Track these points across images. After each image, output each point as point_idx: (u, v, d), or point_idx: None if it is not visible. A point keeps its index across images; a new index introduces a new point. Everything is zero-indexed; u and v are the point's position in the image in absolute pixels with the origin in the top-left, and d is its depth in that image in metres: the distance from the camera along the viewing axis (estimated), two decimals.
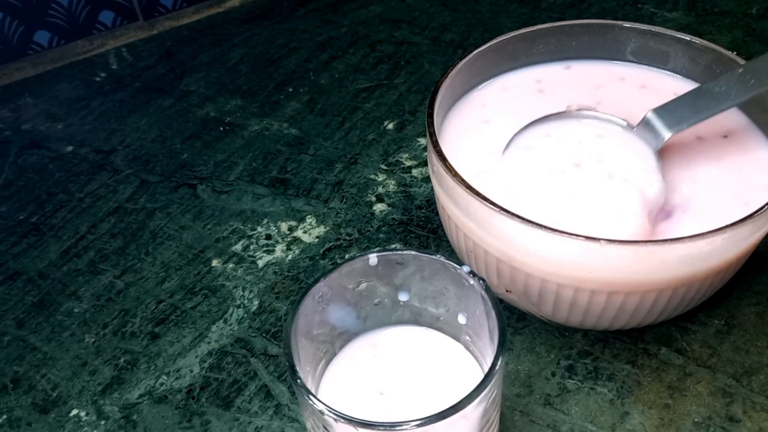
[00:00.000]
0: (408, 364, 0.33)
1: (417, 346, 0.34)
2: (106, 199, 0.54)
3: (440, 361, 0.34)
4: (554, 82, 0.45)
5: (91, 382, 0.42)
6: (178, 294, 0.47)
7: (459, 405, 0.27)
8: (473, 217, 0.35)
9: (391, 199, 0.52)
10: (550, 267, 0.34)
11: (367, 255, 0.33)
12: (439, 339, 0.34)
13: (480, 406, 0.28)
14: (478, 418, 0.29)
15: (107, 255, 0.50)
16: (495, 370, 0.28)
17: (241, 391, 0.41)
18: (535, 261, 0.34)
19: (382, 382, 0.32)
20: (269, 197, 0.53)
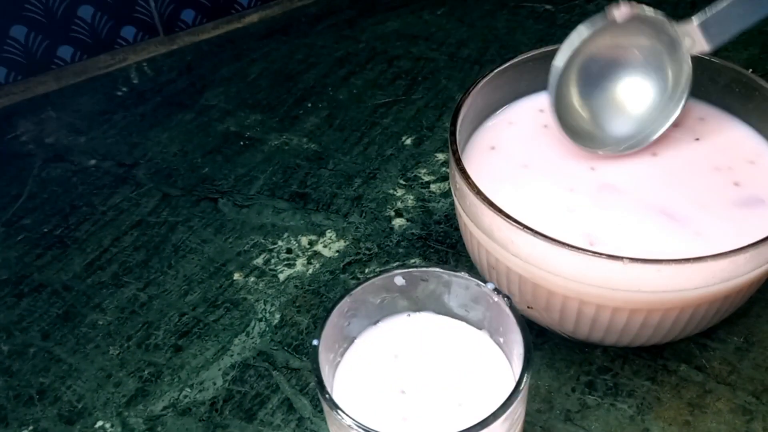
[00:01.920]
0: (429, 355, 0.33)
1: (438, 335, 0.34)
2: (129, 212, 0.55)
3: (464, 351, 0.33)
4: None
5: (116, 394, 0.43)
6: (200, 307, 0.47)
7: (485, 422, 0.28)
8: (496, 234, 0.36)
9: (410, 213, 0.53)
10: (572, 284, 0.35)
11: (392, 273, 0.34)
12: (462, 327, 0.34)
13: (506, 423, 0.29)
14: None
15: (130, 268, 0.50)
16: (521, 388, 0.29)
17: (264, 404, 0.41)
18: (557, 278, 0.35)
19: (401, 378, 0.32)
20: (289, 211, 0.54)
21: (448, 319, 0.34)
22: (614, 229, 0.37)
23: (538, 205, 0.38)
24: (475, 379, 0.31)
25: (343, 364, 0.33)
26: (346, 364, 0.33)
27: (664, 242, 0.36)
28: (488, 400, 0.30)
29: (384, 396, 0.31)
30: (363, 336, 0.34)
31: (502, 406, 0.28)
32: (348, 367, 0.33)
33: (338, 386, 0.32)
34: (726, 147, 0.41)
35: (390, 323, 0.34)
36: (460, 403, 0.31)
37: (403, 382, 0.32)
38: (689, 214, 0.37)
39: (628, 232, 0.37)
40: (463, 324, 0.34)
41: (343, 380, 0.32)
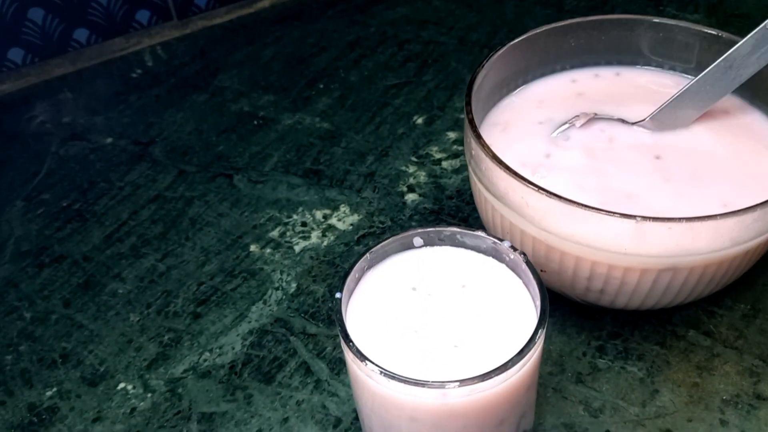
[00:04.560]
0: (447, 288, 0.34)
1: (457, 266, 0.34)
2: (146, 187, 0.56)
3: (486, 284, 0.33)
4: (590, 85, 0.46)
5: (137, 358, 0.44)
6: (218, 277, 0.48)
7: (506, 365, 0.29)
8: (510, 197, 0.37)
9: (422, 189, 0.54)
10: (585, 245, 0.36)
11: (411, 233, 0.35)
12: (482, 259, 0.34)
13: (524, 368, 0.30)
14: (520, 382, 0.30)
15: (149, 240, 0.51)
16: (537, 337, 0.30)
17: (282, 368, 0.42)
18: (570, 239, 0.36)
19: (417, 314, 0.32)
20: (304, 187, 0.55)
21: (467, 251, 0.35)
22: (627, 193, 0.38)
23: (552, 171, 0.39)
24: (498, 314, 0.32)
25: (355, 297, 0.33)
26: (358, 298, 0.33)
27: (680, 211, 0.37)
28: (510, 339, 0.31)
29: (397, 334, 0.32)
30: (377, 268, 0.34)
31: (524, 348, 0.29)
32: (360, 301, 0.33)
33: (351, 322, 0.32)
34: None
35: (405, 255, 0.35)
36: (481, 342, 0.31)
37: (419, 319, 0.32)
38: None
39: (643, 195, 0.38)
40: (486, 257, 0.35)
41: (355, 315, 0.33)
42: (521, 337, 0.30)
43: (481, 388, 0.29)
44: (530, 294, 0.33)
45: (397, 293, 0.33)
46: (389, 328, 0.32)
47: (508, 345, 0.30)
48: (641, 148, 0.41)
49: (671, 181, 0.39)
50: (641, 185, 0.39)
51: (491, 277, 0.34)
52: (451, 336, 0.31)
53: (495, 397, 0.29)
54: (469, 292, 0.33)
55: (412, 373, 0.29)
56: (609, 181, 0.39)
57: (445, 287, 0.33)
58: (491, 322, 0.32)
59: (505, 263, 0.34)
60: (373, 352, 0.30)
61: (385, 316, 0.32)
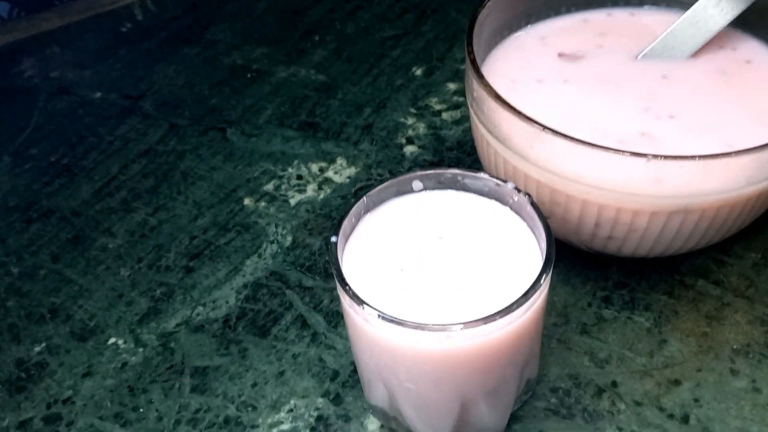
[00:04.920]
0: (447, 232, 0.32)
1: (459, 210, 0.33)
2: (136, 141, 0.54)
3: (489, 227, 0.32)
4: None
5: (128, 313, 0.42)
6: (211, 230, 0.47)
7: (510, 307, 0.27)
8: (514, 140, 0.35)
9: (421, 141, 0.52)
10: (592, 187, 0.34)
11: (410, 176, 0.33)
12: (485, 202, 0.33)
13: (528, 312, 0.28)
14: (524, 327, 0.29)
15: (139, 194, 0.50)
16: (543, 279, 0.28)
17: (278, 321, 0.41)
18: (577, 181, 0.34)
19: (417, 257, 0.31)
20: (299, 140, 0.53)
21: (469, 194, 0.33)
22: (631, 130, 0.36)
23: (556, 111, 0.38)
24: (501, 258, 0.31)
25: (351, 242, 0.32)
26: (355, 243, 0.32)
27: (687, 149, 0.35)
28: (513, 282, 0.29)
29: (396, 279, 0.30)
30: (374, 212, 0.33)
31: (531, 288, 0.28)
32: (357, 246, 0.32)
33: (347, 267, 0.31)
34: None
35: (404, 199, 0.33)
36: (484, 285, 0.30)
37: (419, 263, 0.31)
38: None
39: (649, 132, 0.36)
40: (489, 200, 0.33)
41: (351, 260, 0.31)
42: (526, 281, 0.29)
43: (484, 332, 0.27)
44: (535, 236, 0.31)
45: (395, 238, 0.32)
46: (388, 272, 0.30)
47: (513, 289, 0.29)
48: (646, 83, 0.39)
49: (677, 119, 0.37)
50: (646, 122, 0.37)
51: (494, 220, 0.32)
52: (452, 280, 0.30)
53: (499, 342, 0.28)
54: (471, 236, 0.32)
55: (411, 317, 0.28)
56: (613, 118, 0.37)
57: (446, 231, 0.32)
58: (495, 265, 0.30)
59: (509, 206, 0.32)
60: (371, 297, 0.29)
61: (384, 261, 0.31)
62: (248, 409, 0.37)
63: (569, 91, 0.39)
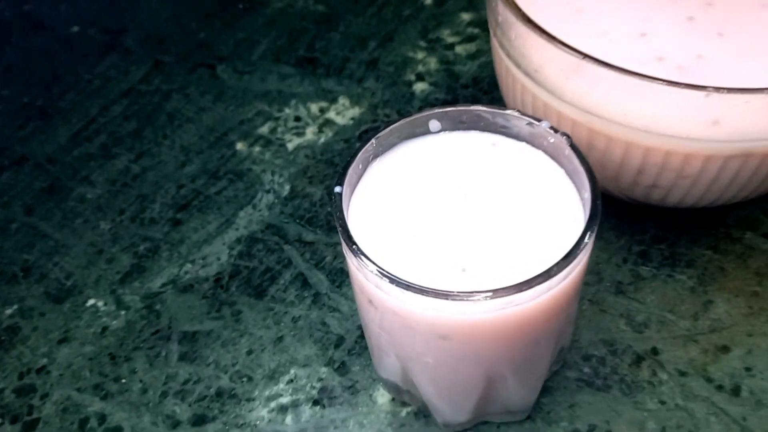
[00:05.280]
0: (470, 181, 0.27)
1: (483, 154, 0.28)
2: (118, 80, 0.49)
3: (519, 174, 0.27)
4: None
5: (109, 271, 0.38)
6: (200, 178, 0.42)
7: (549, 272, 0.23)
8: (546, 70, 0.30)
9: (432, 77, 0.47)
10: (638, 128, 0.29)
11: (425, 114, 0.29)
12: (514, 145, 0.28)
13: (569, 277, 0.24)
14: (564, 293, 0.24)
15: (121, 138, 0.45)
16: (587, 238, 0.24)
17: (275, 280, 0.37)
18: (620, 121, 0.29)
19: (436, 214, 0.26)
20: (297, 77, 0.48)
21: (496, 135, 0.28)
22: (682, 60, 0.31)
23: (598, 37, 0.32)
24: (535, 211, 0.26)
25: (358, 193, 0.27)
26: (363, 194, 0.27)
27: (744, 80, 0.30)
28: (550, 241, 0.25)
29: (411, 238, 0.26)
30: (384, 158, 0.28)
31: (569, 254, 0.23)
32: (365, 197, 0.27)
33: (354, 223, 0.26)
34: None
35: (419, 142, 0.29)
36: (514, 244, 0.25)
37: (438, 219, 0.26)
38: None
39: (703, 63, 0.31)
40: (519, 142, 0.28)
41: (359, 215, 0.27)
42: (566, 240, 0.24)
43: (517, 301, 0.23)
44: (575, 186, 0.27)
45: (410, 188, 0.27)
46: (401, 230, 0.26)
47: (550, 249, 0.25)
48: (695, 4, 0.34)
49: (726, 37, 0.31)
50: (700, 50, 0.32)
51: (526, 166, 0.28)
52: (478, 239, 0.25)
53: (533, 312, 0.24)
54: (498, 186, 0.27)
55: (430, 283, 0.23)
56: (661, 44, 0.32)
57: (469, 180, 0.27)
58: (528, 221, 0.26)
59: (543, 149, 0.28)
60: (383, 259, 0.24)
61: (397, 216, 0.26)
62: (243, 379, 0.33)
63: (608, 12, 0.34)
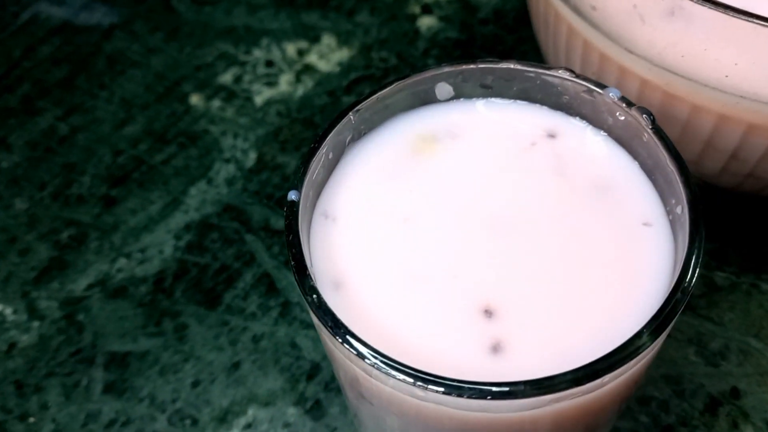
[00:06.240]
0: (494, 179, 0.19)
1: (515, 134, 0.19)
2: (48, 14, 0.39)
3: (568, 168, 0.18)
4: None
5: (22, 266, 0.30)
6: (143, 143, 0.33)
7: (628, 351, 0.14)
8: (608, 8, 0.21)
9: (442, 10, 0.37)
10: (745, 93, 0.20)
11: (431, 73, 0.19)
12: (561, 122, 0.19)
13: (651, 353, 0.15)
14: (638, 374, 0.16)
15: (48, 89, 0.36)
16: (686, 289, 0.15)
17: (233, 282, 0.29)
18: (719, 82, 0.20)
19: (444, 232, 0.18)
20: (270, 9, 0.38)
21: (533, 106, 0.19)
22: None
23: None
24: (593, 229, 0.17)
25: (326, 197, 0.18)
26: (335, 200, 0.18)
27: None
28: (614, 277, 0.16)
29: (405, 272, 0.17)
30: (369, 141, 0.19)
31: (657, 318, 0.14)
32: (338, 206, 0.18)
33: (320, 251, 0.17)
34: None
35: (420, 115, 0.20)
36: (556, 289, 0.16)
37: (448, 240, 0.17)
38: None
39: None
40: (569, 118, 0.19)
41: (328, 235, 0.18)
42: (643, 279, 0.16)
43: (573, 394, 0.14)
44: (657, 190, 0.17)
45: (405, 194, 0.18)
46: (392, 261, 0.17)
47: (620, 296, 0.16)
48: None
49: None
50: None
51: (580, 157, 0.18)
52: (507, 277, 0.16)
53: (595, 404, 0.15)
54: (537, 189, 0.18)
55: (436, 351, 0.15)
56: None
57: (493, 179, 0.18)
58: (583, 247, 0.17)
59: (607, 129, 0.18)
60: (362, 311, 0.15)
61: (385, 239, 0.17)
62: (185, 422, 0.25)
63: None
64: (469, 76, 0.19)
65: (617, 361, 0.14)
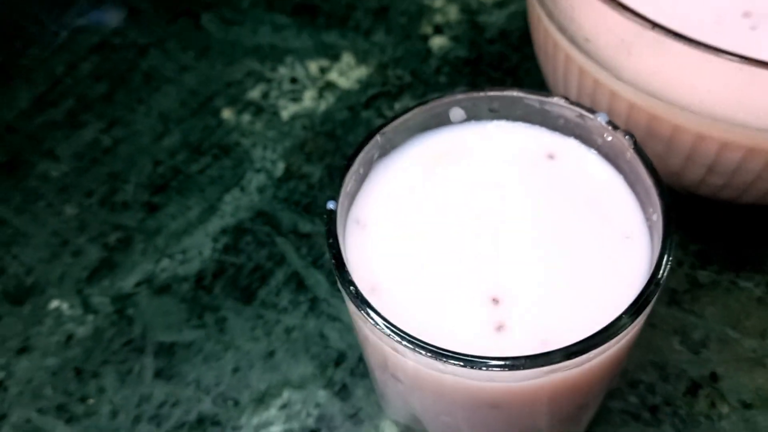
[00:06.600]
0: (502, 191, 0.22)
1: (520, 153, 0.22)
2: (87, 32, 0.42)
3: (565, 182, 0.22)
4: None
5: (75, 266, 0.33)
6: (180, 154, 0.36)
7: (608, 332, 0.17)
8: (602, 41, 0.24)
9: (453, 30, 0.40)
10: (717, 115, 0.23)
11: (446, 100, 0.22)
12: (560, 143, 0.22)
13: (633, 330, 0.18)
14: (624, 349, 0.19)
15: (90, 103, 0.39)
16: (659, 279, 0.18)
17: (266, 280, 0.32)
18: (695, 105, 0.23)
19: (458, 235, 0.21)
20: (293, 29, 0.41)
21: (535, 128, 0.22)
22: None
23: None
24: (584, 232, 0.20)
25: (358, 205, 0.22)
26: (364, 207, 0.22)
27: None
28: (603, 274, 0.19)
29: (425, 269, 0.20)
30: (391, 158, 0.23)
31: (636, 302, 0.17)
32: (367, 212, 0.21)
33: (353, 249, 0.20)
34: None
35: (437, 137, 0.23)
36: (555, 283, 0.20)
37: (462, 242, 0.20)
38: None
39: None
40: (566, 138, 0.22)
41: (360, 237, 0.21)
42: (625, 273, 0.19)
43: (566, 366, 0.17)
44: (638, 200, 0.21)
45: (425, 202, 0.21)
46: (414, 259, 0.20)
47: (606, 287, 0.19)
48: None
49: None
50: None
51: (574, 171, 0.22)
52: (511, 272, 0.20)
53: (584, 377, 0.18)
54: (537, 199, 0.21)
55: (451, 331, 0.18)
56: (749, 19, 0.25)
57: (500, 190, 0.21)
58: (575, 247, 0.20)
59: (597, 148, 0.22)
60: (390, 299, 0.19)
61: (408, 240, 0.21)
62: (228, 403, 0.29)
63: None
64: (479, 102, 0.23)
65: (602, 340, 0.17)
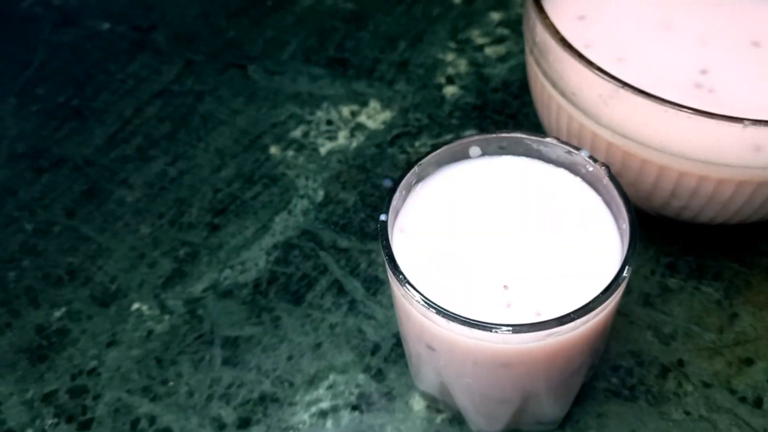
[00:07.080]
0: (509, 207, 0.29)
1: (522, 180, 0.29)
2: (150, 80, 0.49)
3: (557, 201, 0.28)
4: None
5: (151, 275, 0.40)
6: (236, 182, 0.43)
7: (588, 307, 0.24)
8: (585, 94, 0.31)
9: (462, 81, 0.47)
10: (674, 154, 0.30)
11: (466, 141, 0.29)
12: (553, 172, 0.29)
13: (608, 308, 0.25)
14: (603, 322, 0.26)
15: (156, 141, 0.46)
16: (626, 270, 0.25)
17: (312, 286, 0.38)
18: (656, 147, 0.30)
19: (477, 238, 0.27)
20: (327, 79, 0.48)
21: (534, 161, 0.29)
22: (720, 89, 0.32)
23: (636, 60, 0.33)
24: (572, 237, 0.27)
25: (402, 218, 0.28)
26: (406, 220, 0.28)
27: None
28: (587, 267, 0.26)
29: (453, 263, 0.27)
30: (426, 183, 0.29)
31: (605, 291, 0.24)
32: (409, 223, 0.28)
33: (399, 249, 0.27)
34: None
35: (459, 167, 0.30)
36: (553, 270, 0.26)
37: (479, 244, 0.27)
38: None
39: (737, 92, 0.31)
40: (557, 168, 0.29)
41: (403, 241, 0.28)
42: (602, 266, 0.26)
43: (557, 332, 0.24)
44: (612, 214, 0.27)
45: (451, 212, 0.28)
46: (444, 256, 0.27)
47: (588, 275, 0.26)
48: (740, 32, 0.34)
49: None
50: (738, 78, 0.32)
51: (564, 193, 0.28)
52: (517, 265, 0.26)
53: (573, 340, 0.25)
54: (537, 212, 0.28)
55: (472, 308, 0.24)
56: (707, 77, 0.32)
57: (508, 206, 0.28)
58: (565, 247, 0.27)
59: (581, 176, 0.28)
60: (427, 284, 0.25)
61: (440, 242, 0.27)
62: (284, 384, 0.35)
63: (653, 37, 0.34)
64: (491, 141, 0.29)
65: (583, 313, 0.24)
